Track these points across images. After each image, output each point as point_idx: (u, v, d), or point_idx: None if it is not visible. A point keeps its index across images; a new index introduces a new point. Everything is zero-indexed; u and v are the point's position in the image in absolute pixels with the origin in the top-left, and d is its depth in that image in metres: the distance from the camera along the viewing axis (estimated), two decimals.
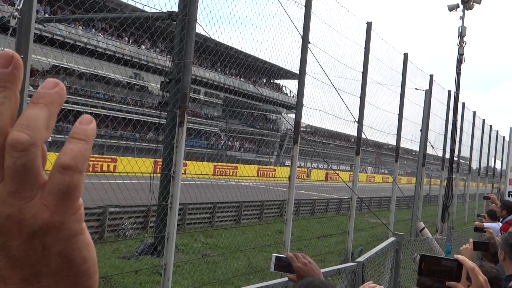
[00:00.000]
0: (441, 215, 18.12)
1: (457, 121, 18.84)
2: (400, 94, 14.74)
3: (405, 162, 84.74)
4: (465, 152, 26.92)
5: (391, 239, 6.15)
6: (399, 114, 14.70)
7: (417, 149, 16.59)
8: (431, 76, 16.98)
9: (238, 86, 54.70)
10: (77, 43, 38.45)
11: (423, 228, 11.26)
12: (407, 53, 14.77)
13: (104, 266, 9.44)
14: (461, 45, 17.94)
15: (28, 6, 3.78)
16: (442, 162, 20.03)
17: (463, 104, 22.79)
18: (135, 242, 11.81)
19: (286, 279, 2.27)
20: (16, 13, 3.78)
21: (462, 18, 17.89)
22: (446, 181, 18.57)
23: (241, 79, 57.14)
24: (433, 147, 18.17)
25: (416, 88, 16.31)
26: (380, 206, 27.49)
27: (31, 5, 3.83)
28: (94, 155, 35.74)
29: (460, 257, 2.00)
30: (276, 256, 2.18)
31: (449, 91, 19.36)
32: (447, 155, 19.29)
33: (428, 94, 16.24)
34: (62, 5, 38.16)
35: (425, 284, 2.56)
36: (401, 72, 14.74)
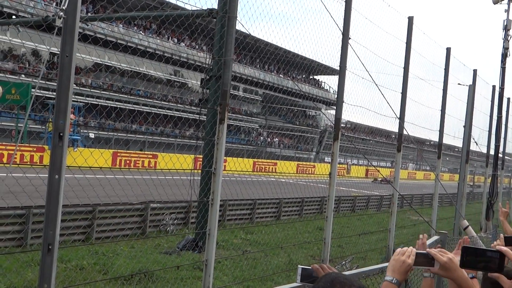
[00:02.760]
0: (486, 213, 17.71)
1: (502, 116, 18.35)
2: (443, 89, 14.47)
3: (447, 158, 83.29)
4: (510, 149, 26.27)
5: (434, 237, 6.05)
6: (441, 110, 14.43)
7: (460, 145, 16.25)
8: (475, 71, 16.61)
9: (277, 83, 54.65)
10: (119, 41, 39.04)
11: (467, 226, 11.00)
12: (449, 48, 14.49)
13: (147, 261, 9.59)
14: (506, 38, 17.44)
15: (73, 6, 3.86)
16: (487, 158, 19.59)
17: (508, 99, 22.22)
18: (176, 238, 11.95)
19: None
20: (62, 13, 3.86)
21: (507, 11, 17.42)
22: (490, 178, 18.14)
23: (280, 75, 57.06)
24: (477, 144, 17.79)
25: (459, 84, 15.99)
26: (422, 204, 27.10)
27: (76, 5, 3.90)
28: (137, 152, 36.27)
29: (503, 248, 1.97)
30: (302, 268, 2.19)
31: (494, 86, 18.91)
32: (492, 152, 18.85)
33: (472, 89, 15.89)
34: (105, 4, 38.84)
35: (490, 280, 2.49)
36: (444, 67, 14.48)
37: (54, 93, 3.92)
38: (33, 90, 27.95)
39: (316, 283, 1.87)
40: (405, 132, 11.58)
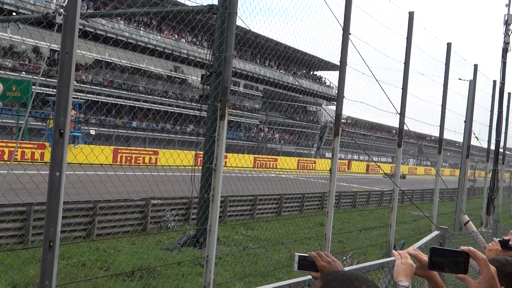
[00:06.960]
0: (486, 208, 17.74)
1: (502, 111, 18.37)
2: (443, 84, 14.46)
3: (448, 153, 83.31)
4: (511, 143, 26.28)
5: (435, 232, 6.05)
6: (442, 105, 14.43)
7: (461, 140, 16.26)
8: (476, 66, 16.59)
9: (278, 78, 54.63)
10: (119, 38, 39.02)
11: (468, 221, 11.01)
12: (450, 43, 14.47)
13: (148, 257, 9.61)
14: (507, 33, 17.44)
15: (73, 3, 3.86)
16: (487, 153, 19.61)
17: (509, 94, 22.24)
18: (177, 234, 11.97)
19: (309, 277, 2.23)
20: (62, 10, 3.86)
21: (508, 5, 17.40)
22: (491, 173, 18.16)
23: (281, 71, 57.03)
24: (477, 139, 17.77)
25: (460, 79, 15.97)
26: (423, 199, 27.12)
27: (76, 2, 3.90)
28: (137, 148, 36.27)
29: (471, 249, 1.98)
30: (299, 256, 2.16)
31: (494, 81, 18.90)
32: (492, 147, 18.87)
33: (472, 84, 15.88)
34: (105, 1, 38.80)
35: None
36: (444, 62, 14.46)
37: (55, 90, 3.93)
38: (33, 87, 27.96)
39: (326, 283, 1.79)
40: (405, 128, 11.58)
